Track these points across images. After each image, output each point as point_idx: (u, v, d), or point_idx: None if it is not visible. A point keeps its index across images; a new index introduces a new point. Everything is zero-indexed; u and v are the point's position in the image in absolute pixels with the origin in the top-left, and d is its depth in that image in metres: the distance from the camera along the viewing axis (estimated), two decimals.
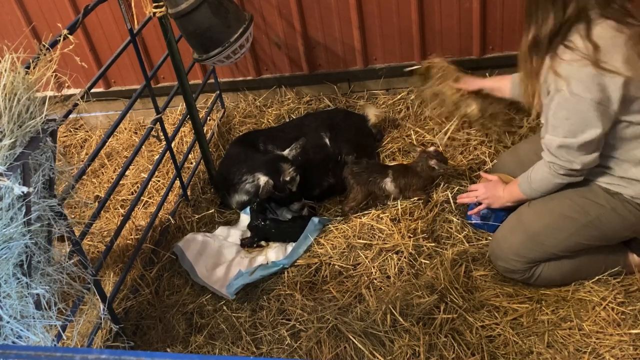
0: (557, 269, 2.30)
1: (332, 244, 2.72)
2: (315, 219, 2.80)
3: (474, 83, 2.83)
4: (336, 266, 2.61)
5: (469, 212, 2.62)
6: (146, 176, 3.03)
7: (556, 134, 2.08)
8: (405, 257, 2.54)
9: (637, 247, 2.34)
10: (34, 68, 1.76)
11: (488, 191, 2.50)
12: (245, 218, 3.01)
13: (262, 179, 2.83)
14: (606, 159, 2.13)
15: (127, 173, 3.47)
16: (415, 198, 2.80)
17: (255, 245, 2.88)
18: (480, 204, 2.55)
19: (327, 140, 3.13)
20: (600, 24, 1.94)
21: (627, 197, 2.14)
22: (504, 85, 2.69)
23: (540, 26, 2.01)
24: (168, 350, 2.43)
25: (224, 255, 2.83)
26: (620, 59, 1.91)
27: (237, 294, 2.59)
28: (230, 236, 2.94)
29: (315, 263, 2.66)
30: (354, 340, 2.24)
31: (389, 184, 2.79)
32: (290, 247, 2.79)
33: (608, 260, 2.33)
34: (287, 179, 2.83)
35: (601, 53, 1.91)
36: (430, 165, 2.71)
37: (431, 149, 2.79)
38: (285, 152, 2.99)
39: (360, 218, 2.81)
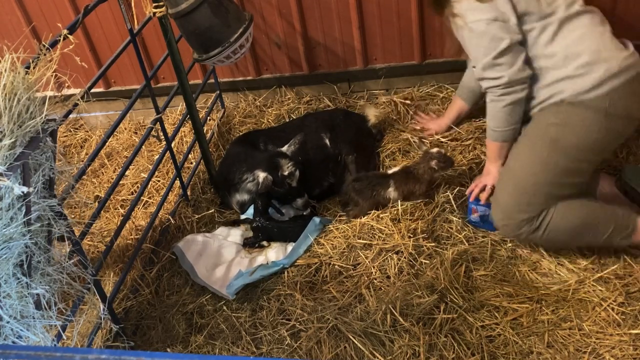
0: (562, 222, 2.27)
1: (332, 244, 2.72)
2: (317, 219, 2.80)
3: (441, 126, 3.19)
4: (336, 266, 2.61)
5: (479, 203, 2.58)
6: (146, 176, 3.04)
7: (477, 61, 2.32)
8: (405, 257, 2.54)
9: None
10: (34, 68, 1.76)
11: (484, 175, 2.59)
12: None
13: (261, 175, 2.84)
14: (539, 75, 2.31)
15: (127, 173, 3.47)
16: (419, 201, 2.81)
17: (257, 245, 2.88)
18: (477, 203, 2.58)
19: (327, 141, 3.13)
20: None
21: (569, 99, 2.24)
22: (460, 106, 3.13)
23: None
24: (168, 350, 2.43)
25: (224, 255, 2.83)
26: None
27: (237, 293, 2.59)
28: (230, 236, 2.95)
29: (315, 263, 2.66)
30: (354, 340, 2.24)
31: (392, 194, 2.78)
32: (290, 247, 2.79)
33: (617, 219, 2.30)
34: (286, 173, 2.83)
35: None
36: (431, 167, 2.70)
37: (434, 150, 2.77)
38: (284, 148, 2.99)
39: (360, 218, 2.81)
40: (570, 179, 2.31)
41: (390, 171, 2.85)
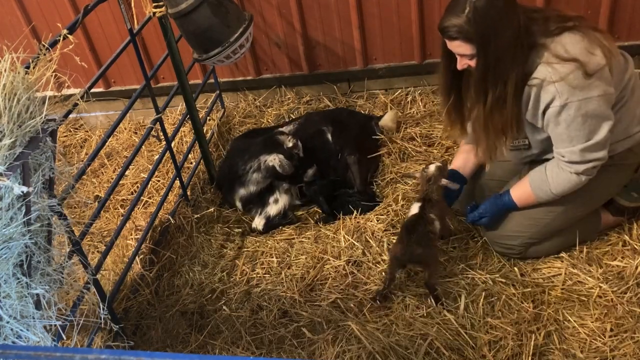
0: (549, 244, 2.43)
1: (333, 244, 2.73)
2: None
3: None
4: (336, 267, 2.61)
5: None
6: (146, 176, 3.03)
7: (576, 143, 2.12)
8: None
9: (614, 209, 2.49)
10: (33, 68, 1.75)
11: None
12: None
13: (272, 158, 2.87)
14: None
15: (127, 173, 3.47)
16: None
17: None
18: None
19: (329, 136, 3.14)
20: (560, 40, 2.06)
21: (620, 151, 2.27)
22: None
23: (503, 86, 2.07)
24: (168, 350, 2.43)
25: None
26: (599, 53, 2.05)
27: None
28: None
29: (317, 263, 2.65)
30: (355, 340, 2.24)
31: (436, 224, 2.41)
32: None
33: (594, 222, 2.48)
34: (290, 145, 2.86)
35: (581, 59, 2.02)
36: (441, 186, 2.43)
37: (432, 167, 2.47)
38: (283, 128, 3.06)
39: (362, 221, 2.81)
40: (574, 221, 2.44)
41: (415, 209, 2.43)
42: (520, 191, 2.36)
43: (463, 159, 2.58)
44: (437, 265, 2.41)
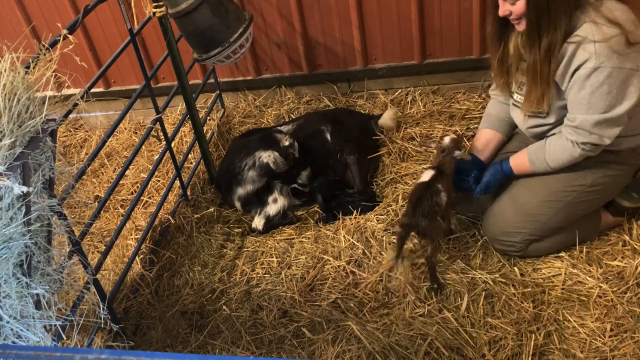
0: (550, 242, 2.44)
1: (333, 244, 2.72)
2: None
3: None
4: (336, 267, 2.61)
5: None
6: (146, 176, 3.03)
7: (593, 111, 2.10)
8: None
9: (614, 209, 2.50)
10: (33, 68, 1.75)
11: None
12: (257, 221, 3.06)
13: (266, 154, 2.88)
14: None
15: (127, 173, 3.47)
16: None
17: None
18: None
19: (327, 135, 3.13)
20: (607, 5, 2.07)
21: (624, 148, 2.27)
22: (491, 136, 2.59)
23: (554, 31, 2.07)
24: (168, 350, 2.43)
25: None
26: None
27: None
28: None
29: (317, 263, 2.66)
30: (355, 340, 2.24)
31: (442, 195, 2.38)
32: None
33: (595, 221, 2.49)
34: (287, 144, 2.88)
35: (626, 27, 2.02)
36: (455, 158, 2.42)
37: (447, 139, 2.47)
38: (281, 128, 3.09)
39: (362, 221, 2.81)
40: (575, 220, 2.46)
41: (426, 177, 2.42)
42: (518, 158, 2.40)
43: (484, 143, 2.57)
44: (440, 240, 2.41)
